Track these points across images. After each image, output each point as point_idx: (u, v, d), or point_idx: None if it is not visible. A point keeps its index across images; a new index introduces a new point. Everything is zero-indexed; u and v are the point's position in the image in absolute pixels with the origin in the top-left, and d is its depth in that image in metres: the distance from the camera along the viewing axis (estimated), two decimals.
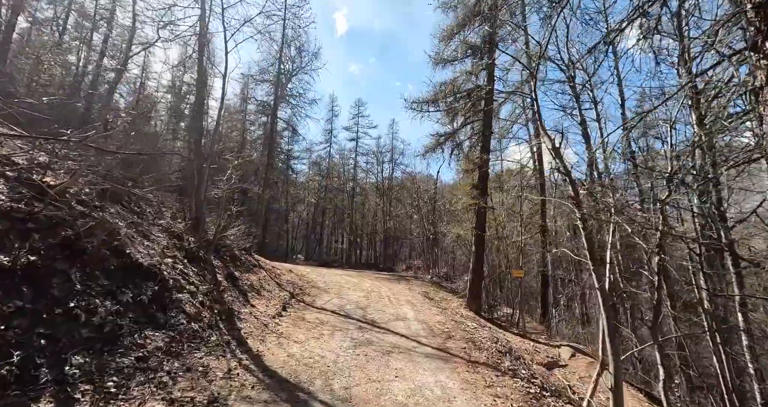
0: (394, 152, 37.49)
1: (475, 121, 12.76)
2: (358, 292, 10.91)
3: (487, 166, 12.27)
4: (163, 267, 5.07)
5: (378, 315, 7.92)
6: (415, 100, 12.68)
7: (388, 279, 16.06)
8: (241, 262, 9.47)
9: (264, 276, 9.93)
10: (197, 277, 6.04)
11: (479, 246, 12.01)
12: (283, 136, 36.38)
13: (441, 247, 24.32)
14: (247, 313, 6.49)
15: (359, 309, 8.39)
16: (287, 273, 12.27)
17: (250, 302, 7.24)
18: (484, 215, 12.16)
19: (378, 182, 37.86)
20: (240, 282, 8.01)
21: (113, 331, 3.47)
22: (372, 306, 8.98)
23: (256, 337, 5.45)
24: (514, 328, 11.30)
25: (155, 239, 5.77)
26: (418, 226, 28.08)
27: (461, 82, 12.64)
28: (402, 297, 10.76)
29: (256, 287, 8.46)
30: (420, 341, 6.19)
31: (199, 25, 9.00)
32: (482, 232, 11.95)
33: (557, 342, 10.00)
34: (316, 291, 10.41)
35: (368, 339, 5.97)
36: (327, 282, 12.19)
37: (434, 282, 17.38)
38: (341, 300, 9.29)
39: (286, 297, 8.75)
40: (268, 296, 8.29)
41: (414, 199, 26.37)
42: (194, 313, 4.89)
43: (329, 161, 38.22)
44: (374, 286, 12.57)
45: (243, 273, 8.84)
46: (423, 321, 7.83)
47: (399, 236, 34.98)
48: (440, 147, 12.87)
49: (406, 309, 9.00)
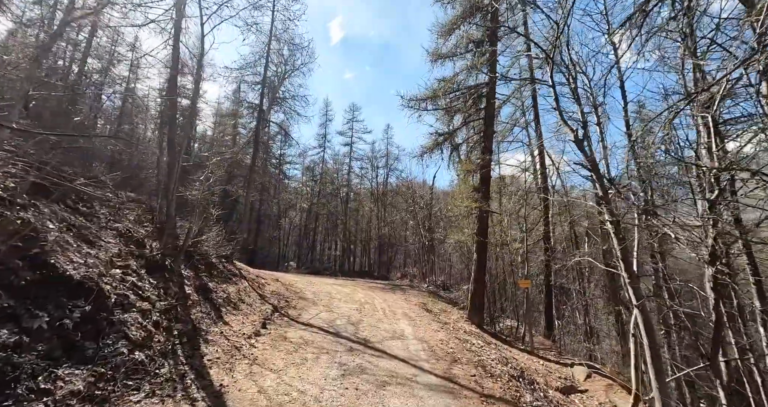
0: (389, 157, 36.80)
1: (475, 120, 11.99)
2: (350, 304, 9.93)
3: (489, 168, 11.47)
4: (105, 280, 4.09)
5: (372, 333, 6.96)
6: (412, 97, 11.89)
7: (382, 289, 15.08)
8: (219, 271, 8.47)
9: (245, 287, 8.92)
10: (156, 291, 5.06)
11: (481, 253, 11.13)
12: (275, 140, 35.57)
13: (437, 254, 23.43)
14: (217, 333, 5.50)
15: (350, 325, 7.42)
16: (273, 282, 11.26)
17: (224, 319, 6.25)
18: (486, 220, 11.31)
19: (372, 187, 37.01)
20: (214, 294, 7.02)
21: (2, 374, 2.50)
22: (365, 320, 8.01)
23: (223, 365, 4.46)
24: (520, 344, 10.38)
25: (103, 246, 4.80)
26: (414, 233, 27.19)
27: (461, 79, 11.90)
28: (398, 310, 9.80)
29: (234, 300, 7.46)
30: (422, 366, 5.24)
31: (175, 9, 8.13)
32: (484, 238, 11.09)
33: (568, 359, 9.10)
34: (303, 304, 9.42)
35: (360, 366, 5.01)
36: (316, 293, 11.21)
37: (431, 291, 16.43)
38: (331, 314, 8.31)
39: (268, 312, 7.75)
40: (246, 310, 7.29)
41: (410, 204, 25.50)
42: (142, 338, 3.91)
43: (323, 166, 37.35)
44: (368, 297, 11.60)
45: (219, 283, 7.84)
46: (423, 339, 6.88)
47: (394, 243, 34.02)
48: (439, 147, 12.05)
49: (403, 324, 8.05)
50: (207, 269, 7.97)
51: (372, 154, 36.93)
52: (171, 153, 7.35)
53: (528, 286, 9.80)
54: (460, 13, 11.72)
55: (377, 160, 37.02)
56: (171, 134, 7.49)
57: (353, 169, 37.14)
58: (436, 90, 11.89)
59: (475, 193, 11.35)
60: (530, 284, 9.81)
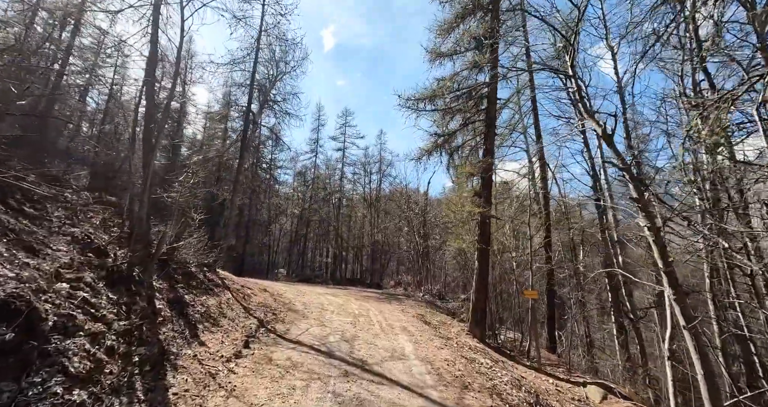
0: (383, 163, 36.29)
1: (476, 121, 11.43)
2: (344, 317, 9.16)
3: (491, 171, 10.89)
4: (44, 297, 3.31)
5: (369, 351, 6.21)
6: (410, 96, 11.30)
7: (377, 299, 14.31)
8: (199, 282, 7.65)
9: (228, 298, 8.10)
10: (115, 309, 4.26)
11: (483, 262, 10.48)
12: (266, 145, 34.75)
13: (432, 262, 22.73)
14: (190, 357, 4.70)
15: (344, 342, 6.66)
16: (260, 293, 10.43)
17: (200, 338, 5.45)
18: (488, 226, 10.69)
19: (365, 193, 36.38)
20: (191, 309, 6.20)
21: None
22: (361, 336, 7.25)
23: (192, 401, 3.68)
24: (525, 359, 9.69)
25: (50, 255, 4.01)
26: (408, 240, 26.49)
27: (462, 78, 11.36)
28: (396, 323, 9.06)
29: (214, 314, 6.64)
30: (429, 395, 4.52)
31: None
32: (486, 246, 10.45)
33: (579, 377, 8.44)
34: (292, 316, 8.62)
35: (357, 396, 4.26)
36: (307, 304, 10.41)
37: (428, 301, 15.72)
38: (322, 329, 7.53)
39: (253, 327, 6.94)
40: (228, 326, 6.48)
41: (404, 210, 24.83)
42: (87, 371, 3.12)
43: (315, 171, 36.62)
44: (362, 308, 10.83)
45: (198, 296, 7.02)
46: (426, 359, 6.15)
47: (387, 249, 33.25)
48: (438, 149, 11.44)
49: (402, 340, 7.31)
50: (185, 279, 7.14)
51: (365, 159, 36.42)
52: (145, 150, 6.57)
53: (535, 297, 9.15)
54: (461, 10, 11.24)
55: (370, 166, 36.54)
56: (146, 131, 6.71)
57: (346, 175, 36.56)
58: (435, 90, 11.34)
59: (476, 197, 10.74)
60: (537, 295, 9.17)
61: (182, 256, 7.63)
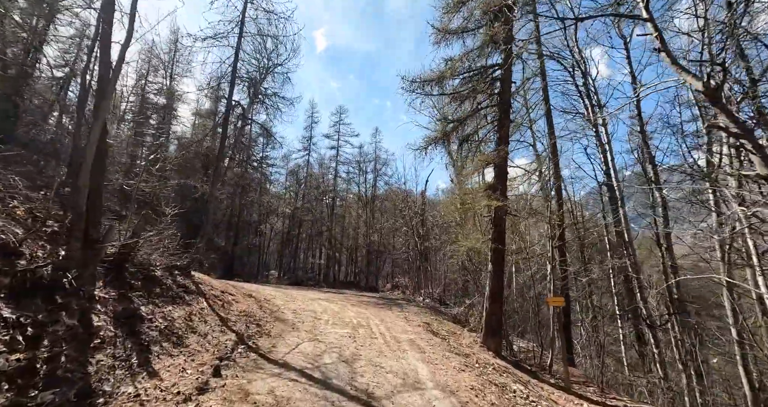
0: (378, 162, 35.08)
1: (489, 107, 10.24)
2: (340, 327, 7.86)
3: (506, 162, 9.69)
4: None
5: (375, 378, 4.92)
6: (415, 78, 10.07)
7: (376, 305, 13.01)
8: (165, 289, 6.27)
9: (201, 308, 6.74)
10: (12, 333, 2.92)
11: (498, 263, 9.26)
12: (257, 142, 33.30)
13: (432, 263, 21.52)
14: (130, 398, 3.36)
15: (343, 364, 5.36)
16: (243, 299, 9.08)
17: (152, 365, 4.10)
18: (503, 224, 9.49)
19: (360, 192, 35.13)
20: (147, 324, 4.84)
21: None
22: (363, 354, 5.96)
23: None
24: (547, 374, 8.49)
25: None
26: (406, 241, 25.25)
27: (473, 59, 10.17)
28: (402, 335, 7.78)
29: (179, 330, 5.29)
30: None
31: None
32: (501, 246, 9.24)
33: (616, 399, 7.25)
34: (280, 328, 7.31)
35: None
36: (297, 312, 9.09)
37: (430, 306, 14.47)
38: (316, 346, 6.22)
39: (229, 345, 5.61)
40: (196, 346, 5.14)
41: (402, 208, 23.59)
42: None
43: (308, 170, 35.24)
44: (361, 316, 9.53)
45: (161, 306, 5.66)
46: (448, 387, 4.88)
47: (382, 251, 31.97)
48: (446, 138, 10.22)
49: (413, 359, 6.03)
50: (145, 286, 5.77)
51: (360, 157, 35.20)
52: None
53: (561, 305, 7.96)
54: None
55: (365, 164, 35.32)
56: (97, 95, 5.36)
57: (340, 174, 35.24)
58: (444, 71, 10.11)
59: (489, 191, 9.54)
60: (563, 302, 7.98)
61: (144, 257, 6.26)
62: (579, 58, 15.98)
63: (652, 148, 14.73)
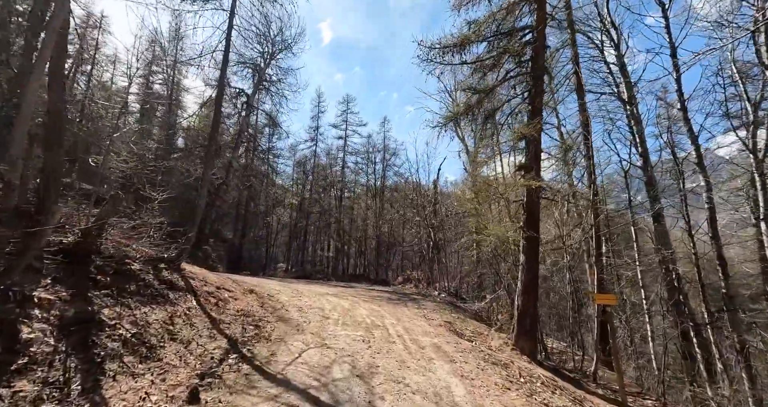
0: (387, 152, 33.86)
1: (519, 76, 8.92)
2: (352, 329, 6.79)
3: (540, 138, 8.41)
4: None
5: (399, 403, 3.81)
6: (433, 44, 8.78)
7: (389, 300, 11.93)
8: (142, 286, 5.22)
9: (189, 308, 5.70)
10: None
11: (531, 254, 8.06)
12: (263, 133, 32.30)
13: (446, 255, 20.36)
14: None
15: (357, 380, 4.28)
16: (243, 295, 8.07)
17: (101, 391, 3.04)
18: (536, 208, 8.26)
19: (369, 182, 34.04)
20: (109, 332, 3.79)
21: None
22: (381, 365, 4.86)
23: None
24: (591, 383, 7.32)
25: None
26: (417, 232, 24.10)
27: (500, 19, 8.82)
28: (424, 339, 6.67)
29: (152, 338, 4.24)
30: None
31: None
32: (535, 233, 8.02)
33: None
34: (282, 330, 6.26)
35: None
36: (304, 310, 8.06)
37: (447, 301, 13.35)
38: (323, 353, 5.15)
39: (217, 355, 4.56)
40: (173, 358, 4.09)
41: (413, 198, 22.38)
42: None
43: (315, 160, 34.21)
44: (375, 315, 8.45)
45: (134, 307, 4.61)
46: None
47: (392, 243, 30.90)
48: (470, 112, 8.95)
49: (443, 371, 4.90)
50: (115, 283, 4.73)
51: (368, 147, 34.04)
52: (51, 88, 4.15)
53: (613, 303, 6.73)
54: None
55: (373, 154, 34.16)
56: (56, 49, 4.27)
57: (348, 164, 34.16)
58: (467, 35, 8.81)
59: (520, 171, 8.32)
60: (616, 300, 6.76)
61: (117, 248, 5.22)
62: (611, 27, 14.44)
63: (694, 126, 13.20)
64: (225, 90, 7.97)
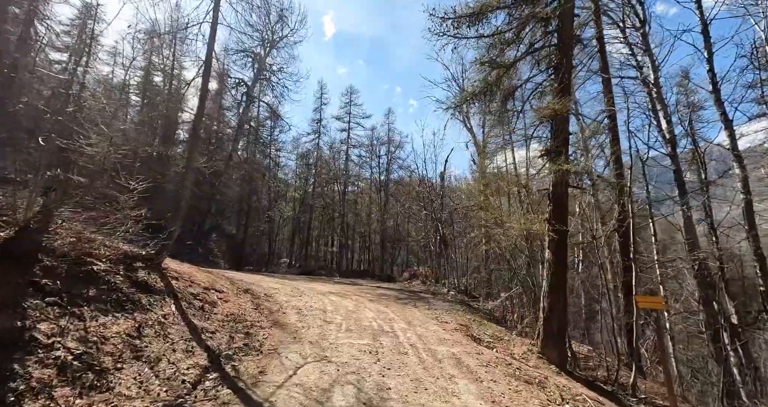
0: (391, 144, 32.86)
1: (544, 48, 7.89)
2: (357, 336, 5.92)
3: (568, 118, 7.42)
4: None
5: None
6: (447, 13, 7.77)
7: (396, 299, 11.06)
8: (106, 289, 4.35)
9: (165, 314, 4.83)
10: None
11: (560, 250, 7.11)
12: (265, 126, 31.42)
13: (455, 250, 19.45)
14: None
15: None
16: (236, 296, 7.23)
17: None
18: (564, 199, 7.30)
19: (374, 176, 33.12)
20: (43, 354, 2.92)
21: None
22: (392, 386, 3.98)
23: None
24: (630, 397, 6.41)
25: None
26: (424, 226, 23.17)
27: None
28: (439, 348, 5.78)
29: (106, 357, 3.37)
30: None
31: None
32: (564, 226, 7.07)
33: None
34: (277, 338, 5.41)
35: None
36: (303, 312, 7.21)
37: (459, 300, 12.45)
38: (323, 370, 4.27)
39: (192, 375, 3.70)
40: (130, 384, 3.22)
41: (420, 191, 21.42)
42: None
43: (318, 153, 33.28)
44: (382, 317, 7.57)
45: (88, 318, 3.74)
46: None
47: (397, 238, 30.03)
48: (488, 90, 7.95)
49: (468, 395, 4.01)
50: (70, 286, 3.86)
51: (372, 140, 33.05)
52: None
53: (661, 308, 5.79)
54: None
55: (378, 147, 33.17)
56: None
57: (351, 157, 33.20)
58: (484, 4, 7.78)
59: (547, 157, 7.34)
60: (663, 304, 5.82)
61: (75, 245, 4.35)
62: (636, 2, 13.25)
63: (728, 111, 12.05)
64: (212, 65, 7.02)
